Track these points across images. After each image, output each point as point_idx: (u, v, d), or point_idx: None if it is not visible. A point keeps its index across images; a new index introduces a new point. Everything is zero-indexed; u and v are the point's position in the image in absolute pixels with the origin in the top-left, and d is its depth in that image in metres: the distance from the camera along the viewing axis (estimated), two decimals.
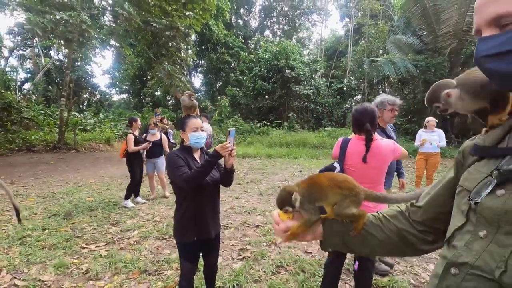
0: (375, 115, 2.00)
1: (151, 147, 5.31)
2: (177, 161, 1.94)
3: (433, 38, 13.07)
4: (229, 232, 3.76)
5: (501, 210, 0.55)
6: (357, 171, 2.00)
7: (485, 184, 0.60)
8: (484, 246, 0.57)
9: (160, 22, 11.16)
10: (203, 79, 25.86)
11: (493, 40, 0.54)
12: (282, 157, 11.23)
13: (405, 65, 12.54)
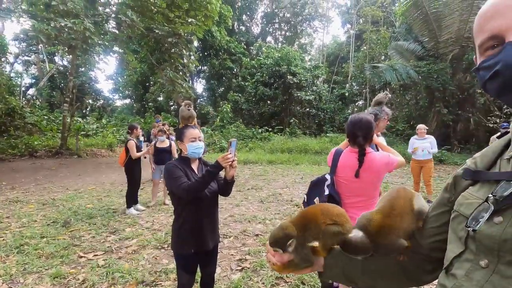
0: (371, 127, 1.92)
1: (161, 153, 5.34)
2: (175, 171, 1.92)
3: (434, 45, 13.08)
4: (229, 241, 3.72)
5: (500, 239, 0.53)
6: (348, 184, 1.96)
7: (481, 210, 0.58)
8: (486, 276, 0.54)
9: (162, 29, 11.28)
10: (205, 85, 26.02)
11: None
12: (283, 163, 11.19)
13: (407, 71, 12.52)
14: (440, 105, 12.46)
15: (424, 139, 5.66)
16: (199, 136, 2.04)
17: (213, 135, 15.83)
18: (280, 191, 6.53)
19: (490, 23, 0.54)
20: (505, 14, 0.52)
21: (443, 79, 12.22)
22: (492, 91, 0.55)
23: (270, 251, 0.77)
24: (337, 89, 21.18)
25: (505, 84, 0.51)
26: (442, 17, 12.12)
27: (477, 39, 0.58)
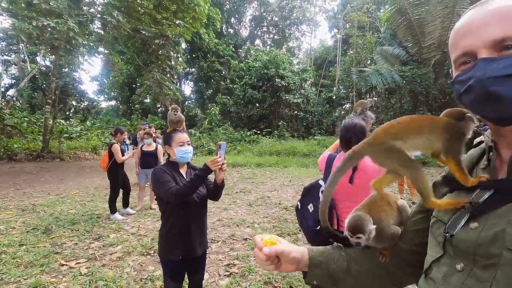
0: (364, 132, 1.94)
1: (146, 157, 5.25)
2: (163, 176, 1.89)
3: (418, 50, 13.46)
4: (217, 246, 3.67)
5: (475, 243, 0.55)
6: (342, 190, 1.97)
7: (458, 216, 0.61)
8: (462, 280, 0.56)
9: (149, 30, 11.12)
10: (193, 87, 25.84)
11: (502, 61, 0.51)
12: (272, 166, 11.21)
13: (392, 76, 12.82)
14: (423, 109, 12.81)
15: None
16: (187, 141, 2.01)
17: (201, 138, 15.71)
18: (269, 194, 6.52)
19: (463, 40, 0.57)
20: (476, 32, 0.55)
21: (426, 84, 12.58)
22: (467, 103, 0.58)
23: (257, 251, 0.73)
24: (324, 92, 21.46)
25: (478, 97, 0.54)
26: (425, 23, 12.50)
27: (452, 55, 0.61)
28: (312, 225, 1.97)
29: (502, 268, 0.50)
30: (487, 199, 0.57)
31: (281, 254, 0.71)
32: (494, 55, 0.52)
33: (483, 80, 0.52)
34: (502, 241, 0.51)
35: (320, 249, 0.80)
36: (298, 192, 6.63)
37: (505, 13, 0.52)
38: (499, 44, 0.52)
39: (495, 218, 0.54)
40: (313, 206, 2.03)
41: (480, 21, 0.55)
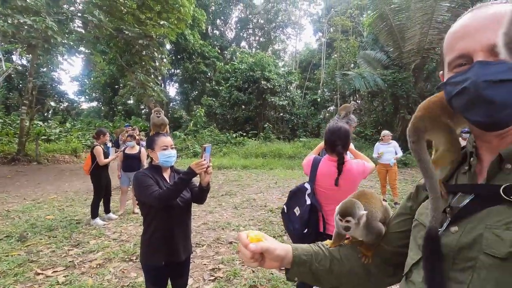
0: (348, 136, 1.98)
1: (129, 160, 5.12)
2: (145, 180, 1.84)
3: (398, 55, 13.89)
4: (201, 250, 3.62)
5: (455, 247, 0.56)
6: (327, 193, 1.99)
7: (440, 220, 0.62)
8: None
9: (133, 30, 10.88)
10: (178, 88, 25.50)
11: (498, 66, 0.52)
12: (257, 168, 11.21)
13: (374, 79, 13.15)
14: (404, 112, 13.21)
15: (388, 144, 5.96)
16: (171, 144, 1.98)
17: (186, 140, 15.51)
18: (254, 197, 6.51)
19: (459, 43, 0.57)
20: (473, 35, 0.55)
21: (407, 87, 12.99)
22: (458, 106, 0.58)
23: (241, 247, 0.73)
24: (309, 95, 21.73)
25: (471, 100, 0.54)
26: (405, 29, 12.92)
27: (447, 57, 0.61)
28: (299, 228, 1.98)
29: (478, 271, 0.52)
30: (467, 203, 0.58)
31: (266, 251, 0.71)
32: (490, 59, 0.53)
33: (478, 83, 0.52)
34: (479, 245, 0.52)
35: (304, 247, 0.80)
36: (284, 194, 6.66)
37: (503, 19, 0.53)
38: (495, 49, 0.52)
39: (474, 222, 0.55)
40: (300, 209, 2.03)
41: (478, 24, 0.55)
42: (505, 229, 0.50)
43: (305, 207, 1.98)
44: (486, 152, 0.61)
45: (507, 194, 0.52)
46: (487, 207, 0.54)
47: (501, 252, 0.49)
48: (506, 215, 0.51)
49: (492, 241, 0.51)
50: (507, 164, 0.55)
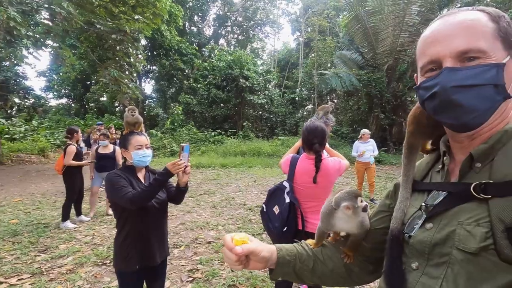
0: (325, 134, 2.02)
1: (103, 160, 4.89)
2: (118, 181, 1.76)
3: (373, 55, 14.38)
4: (179, 251, 3.55)
5: (430, 243, 0.59)
6: (305, 190, 2.02)
7: (416, 217, 0.64)
8: (417, 278, 0.60)
9: (105, 24, 10.39)
10: (155, 86, 24.80)
11: (465, 72, 0.54)
12: (236, 167, 11.18)
13: (350, 79, 13.54)
14: (378, 111, 13.72)
15: (367, 143, 6.13)
16: (146, 144, 1.90)
17: (163, 139, 15.13)
18: (233, 195, 6.49)
19: (430, 48, 0.59)
20: (443, 42, 0.57)
21: (380, 87, 13.50)
22: (430, 109, 0.61)
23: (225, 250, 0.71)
24: (287, 94, 21.96)
25: (441, 104, 0.57)
26: (379, 31, 13.40)
27: (419, 61, 0.63)
28: (278, 227, 2.00)
29: (451, 266, 0.54)
30: (441, 200, 0.60)
31: (252, 253, 0.70)
32: (458, 65, 0.55)
33: (447, 88, 0.55)
34: (452, 240, 0.55)
35: (288, 248, 0.81)
36: (263, 192, 6.69)
37: (470, 26, 0.56)
38: (463, 55, 0.55)
39: (447, 219, 0.58)
40: (279, 207, 2.05)
41: (447, 31, 0.57)
42: (475, 226, 0.53)
43: (284, 205, 2.00)
44: (458, 152, 0.64)
45: (477, 192, 0.54)
46: (459, 204, 0.57)
47: (472, 248, 0.52)
48: (476, 212, 0.54)
49: (464, 237, 0.53)
50: (477, 163, 0.58)
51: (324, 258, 0.80)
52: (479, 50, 0.54)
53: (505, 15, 0.57)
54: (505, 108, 0.57)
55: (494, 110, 0.55)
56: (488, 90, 0.53)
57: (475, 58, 0.54)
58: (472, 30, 0.55)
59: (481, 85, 0.53)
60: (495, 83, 0.53)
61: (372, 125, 14.01)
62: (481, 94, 0.54)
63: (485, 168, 0.56)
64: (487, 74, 0.53)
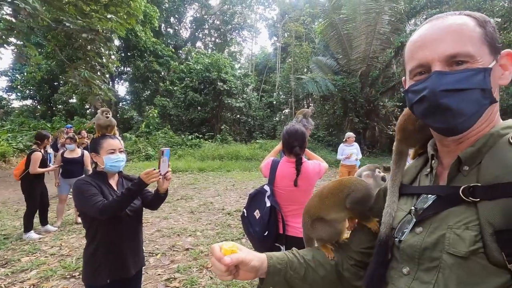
0: (305, 138, 2.03)
1: (70, 165, 4.59)
2: (87, 189, 1.63)
3: (347, 62, 14.89)
4: (155, 260, 3.40)
5: (420, 247, 0.58)
6: (286, 194, 2.01)
7: (405, 222, 0.64)
8: (408, 283, 0.59)
9: (75, 23, 9.88)
10: (129, 88, 23.95)
11: (454, 76, 0.54)
12: (214, 171, 11.03)
13: (326, 84, 13.91)
14: (352, 115, 14.19)
15: (351, 146, 6.20)
16: (119, 148, 1.78)
17: (138, 142, 14.62)
18: (212, 200, 6.38)
19: (418, 52, 0.60)
20: (431, 46, 0.57)
21: (354, 92, 13.98)
22: (418, 113, 0.61)
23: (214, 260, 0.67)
24: (265, 97, 22.13)
25: (430, 108, 0.57)
26: (352, 38, 13.91)
27: (408, 65, 0.63)
28: (259, 231, 1.97)
29: (442, 271, 0.54)
30: (430, 204, 0.60)
31: (241, 263, 0.67)
32: (446, 69, 0.56)
33: (436, 92, 0.55)
34: (442, 245, 0.54)
35: (279, 255, 0.78)
36: (242, 196, 6.63)
37: (458, 30, 0.56)
38: (451, 59, 0.55)
39: (437, 222, 0.57)
40: (259, 211, 2.03)
41: (435, 35, 0.58)
42: (465, 229, 0.53)
43: (265, 209, 1.98)
44: (446, 155, 0.64)
45: (465, 195, 0.54)
46: (448, 208, 0.57)
47: (462, 251, 0.51)
48: (465, 215, 0.54)
49: (453, 240, 0.53)
50: (465, 166, 0.58)
51: (315, 265, 0.79)
52: (467, 54, 0.55)
53: (491, 20, 0.59)
54: (491, 112, 0.59)
55: (481, 114, 0.56)
56: (476, 94, 0.54)
57: (463, 62, 0.55)
58: (460, 35, 0.56)
59: (469, 89, 0.54)
60: (482, 87, 0.54)
61: (347, 128, 14.43)
62: (469, 98, 0.54)
63: (473, 171, 0.57)
64: (474, 79, 0.54)
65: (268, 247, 1.94)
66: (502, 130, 0.57)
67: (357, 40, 13.71)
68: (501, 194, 0.50)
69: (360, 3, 12.95)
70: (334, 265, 0.79)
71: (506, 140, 0.55)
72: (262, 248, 1.99)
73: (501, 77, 0.58)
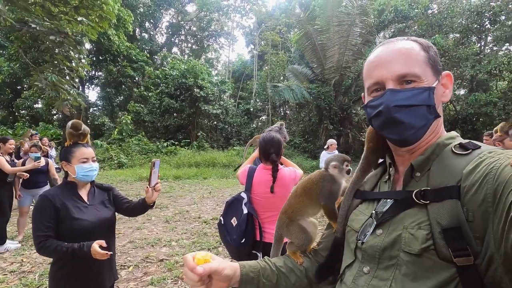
0: (281, 145, 2.08)
1: (33, 174, 4.28)
2: (43, 212, 1.53)
3: (321, 71, 15.38)
4: (127, 273, 3.26)
5: (380, 248, 0.63)
6: (263, 200, 2.03)
7: (367, 225, 0.69)
8: (368, 281, 0.64)
9: (42, 24, 9.37)
10: (100, 93, 23.04)
11: (405, 93, 0.62)
12: (191, 178, 10.83)
13: (301, 92, 14.25)
14: (327, 122, 14.61)
15: (333, 153, 6.20)
16: (92, 157, 1.71)
17: (110, 150, 14.04)
18: (188, 208, 6.24)
19: (374, 72, 0.68)
20: (385, 66, 0.66)
21: (329, 100, 14.43)
22: (376, 126, 0.69)
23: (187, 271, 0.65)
24: (242, 104, 22.21)
25: (385, 121, 0.65)
26: (326, 48, 14.42)
27: (366, 82, 0.71)
28: (237, 239, 1.98)
29: (399, 268, 0.59)
30: (389, 208, 0.66)
31: (214, 272, 0.67)
32: (398, 87, 0.64)
33: (390, 108, 0.63)
34: (399, 244, 0.60)
35: (251, 264, 0.80)
36: (219, 204, 6.55)
37: (407, 54, 0.65)
38: (401, 78, 0.64)
39: (394, 224, 0.63)
40: (236, 219, 2.02)
41: (388, 57, 0.66)
42: (418, 229, 0.58)
43: (242, 216, 1.98)
44: (401, 163, 0.72)
45: (418, 198, 0.60)
46: (404, 210, 0.62)
47: (416, 249, 0.57)
48: (418, 216, 0.60)
49: (408, 240, 0.58)
50: (417, 173, 0.65)
51: (287, 271, 0.81)
52: (415, 74, 0.63)
53: (433, 46, 0.68)
54: (437, 125, 0.67)
55: (428, 127, 0.65)
56: (422, 109, 0.63)
57: (411, 81, 0.63)
58: (408, 57, 0.64)
59: (417, 105, 0.62)
60: (428, 104, 0.63)
61: (322, 135, 14.84)
62: (417, 113, 0.63)
63: (424, 177, 0.64)
64: (421, 96, 0.62)
65: (246, 254, 1.94)
66: (446, 140, 0.66)
67: (331, 50, 14.23)
68: (446, 196, 0.56)
69: (333, 15, 13.50)
70: (304, 271, 0.82)
71: (449, 149, 0.63)
72: (239, 255, 1.98)
73: (443, 95, 0.68)
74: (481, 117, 12.67)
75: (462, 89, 16.04)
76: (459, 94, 15.58)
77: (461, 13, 13.57)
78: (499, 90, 13.12)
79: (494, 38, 13.79)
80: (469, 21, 13.40)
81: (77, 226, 1.57)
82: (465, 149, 0.61)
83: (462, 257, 0.52)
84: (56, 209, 1.55)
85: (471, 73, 12.87)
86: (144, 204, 1.78)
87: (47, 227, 1.51)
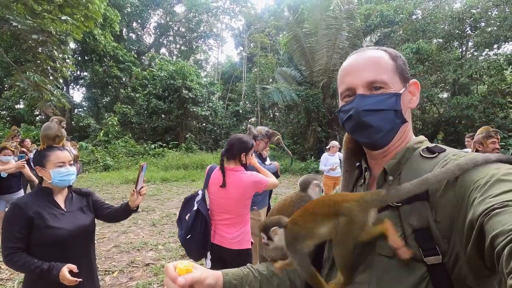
0: (234, 143, 2.13)
1: (6, 179, 4.08)
2: (13, 223, 1.46)
3: (310, 73, 15.54)
4: (111, 278, 3.19)
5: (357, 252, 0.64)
6: (217, 200, 2.06)
7: None
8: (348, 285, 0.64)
9: (24, 23, 9.09)
10: (86, 93, 22.51)
11: (373, 98, 0.66)
12: (179, 181, 10.70)
13: (290, 94, 14.35)
14: (315, 124, 14.76)
15: (334, 155, 5.90)
16: (69, 160, 1.63)
17: (95, 152, 13.72)
18: (175, 211, 6.16)
19: (346, 78, 0.72)
20: (356, 73, 0.70)
21: (317, 103, 14.60)
22: (348, 129, 0.72)
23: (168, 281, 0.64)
24: (231, 106, 22.18)
25: (356, 125, 0.68)
26: (315, 51, 14.59)
27: (339, 88, 0.75)
28: (183, 234, 2.03)
29: (375, 271, 0.60)
30: None
31: (196, 282, 0.66)
32: (367, 93, 0.67)
33: (359, 112, 0.66)
34: (374, 247, 0.61)
35: (234, 271, 0.80)
36: None
37: (375, 62, 0.69)
38: (370, 84, 0.67)
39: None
40: (189, 215, 2.06)
41: (359, 65, 0.70)
42: None
43: (191, 213, 2.02)
44: (375, 167, 0.74)
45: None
46: (378, 213, 0.64)
47: (388, 251, 0.59)
48: (390, 218, 0.61)
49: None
50: (390, 176, 0.68)
51: (269, 275, 0.82)
52: (383, 81, 0.67)
53: (401, 55, 0.73)
54: (405, 130, 0.71)
55: (396, 131, 0.68)
56: (390, 114, 0.66)
57: (380, 88, 0.67)
58: (377, 65, 0.68)
59: (384, 110, 0.66)
60: (395, 108, 0.66)
61: (311, 137, 14.99)
62: (385, 117, 0.66)
63: (396, 180, 0.66)
64: (388, 101, 0.66)
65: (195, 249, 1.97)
66: (415, 144, 0.69)
67: (319, 53, 14.41)
68: (415, 198, 0.59)
69: (321, 19, 13.69)
70: (286, 274, 0.82)
71: (418, 153, 0.67)
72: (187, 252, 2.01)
73: (410, 101, 0.71)
74: (463, 119, 13.09)
75: (445, 92, 16.56)
76: (442, 97, 16.06)
77: (444, 19, 14.03)
78: (479, 93, 13.58)
79: (475, 44, 14.29)
80: (451, 27, 13.87)
81: (53, 235, 1.50)
82: (432, 153, 0.65)
83: (432, 256, 0.55)
84: (29, 218, 1.47)
85: (453, 77, 13.31)
86: (128, 208, 1.74)
87: (17, 238, 1.44)
